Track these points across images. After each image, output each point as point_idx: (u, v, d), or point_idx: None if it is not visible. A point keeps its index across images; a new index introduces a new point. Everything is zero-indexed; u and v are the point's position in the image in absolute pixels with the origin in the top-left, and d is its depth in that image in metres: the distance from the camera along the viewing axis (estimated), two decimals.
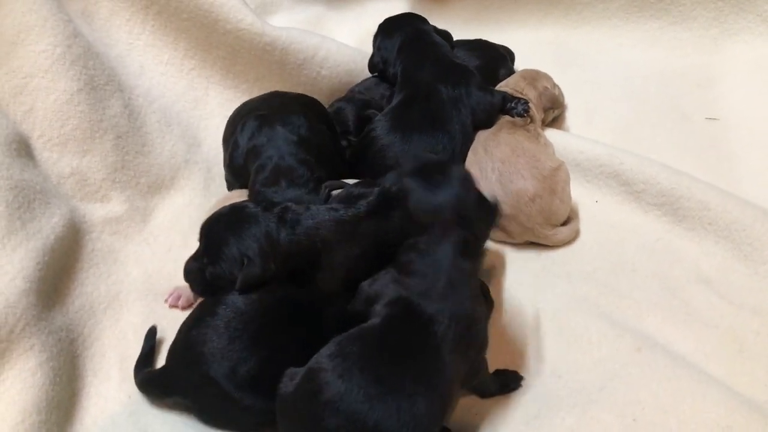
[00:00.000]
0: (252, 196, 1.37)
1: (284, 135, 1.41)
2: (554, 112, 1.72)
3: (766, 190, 1.48)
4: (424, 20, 1.74)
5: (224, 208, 1.25)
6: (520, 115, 1.56)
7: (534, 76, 1.70)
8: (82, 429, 1.11)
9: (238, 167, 1.46)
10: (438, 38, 1.69)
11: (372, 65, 1.74)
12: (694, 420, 1.09)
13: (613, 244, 1.44)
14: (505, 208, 1.42)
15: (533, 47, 1.95)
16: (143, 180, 1.54)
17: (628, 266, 1.39)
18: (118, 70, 1.60)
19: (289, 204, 1.22)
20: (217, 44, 1.73)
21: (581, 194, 1.52)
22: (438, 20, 1.79)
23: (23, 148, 1.37)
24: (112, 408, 1.16)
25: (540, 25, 1.98)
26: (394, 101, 1.60)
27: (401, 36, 1.68)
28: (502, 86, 1.67)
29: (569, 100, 1.78)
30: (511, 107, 1.58)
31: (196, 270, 1.22)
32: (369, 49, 1.76)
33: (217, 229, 1.20)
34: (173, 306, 1.36)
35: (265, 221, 1.18)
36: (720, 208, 1.39)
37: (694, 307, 1.29)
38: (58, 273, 1.28)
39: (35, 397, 1.06)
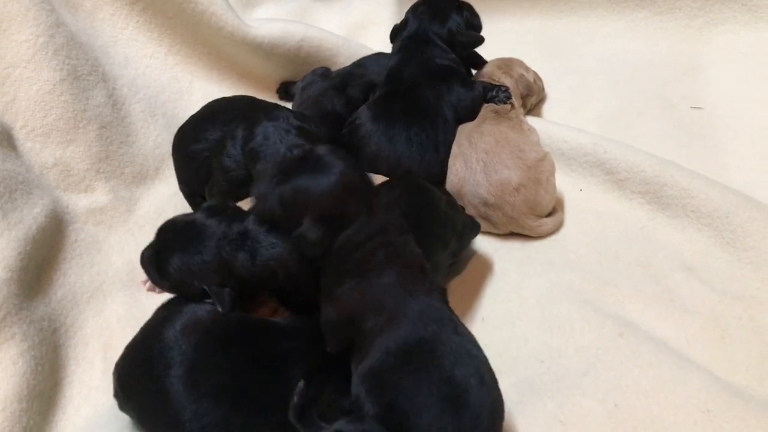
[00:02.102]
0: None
1: (280, 128, 1.36)
2: (532, 98, 1.72)
3: (749, 178, 1.49)
4: (437, 16, 1.64)
5: (182, 219, 1.18)
6: (503, 102, 1.56)
7: (508, 64, 1.70)
8: (64, 418, 1.11)
9: (239, 181, 1.38)
10: (436, 40, 1.62)
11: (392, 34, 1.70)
12: (675, 405, 1.10)
13: (597, 232, 1.45)
14: (490, 198, 1.43)
15: (520, 37, 1.95)
16: (127, 170, 1.54)
17: (611, 254, 1.39)
18: (102, 61, 1.59)
19: (250, 228, 1.14)
20: (202, 43, 1.74)
21: (566, 183, 1.53)
22: None
23: (5, 139, 1.36)
24: (96, 397, 1.16)
25: (526, 15, 1.98)
26: (378, 93, 1.60)
27: (407, 29, 1.65)
28: (476, 77, 1.68)
29: (555, 89, 1.78)
30: (493, 96, 1.58)
31: (148, 261, 1.17)
32: (356, 40, 1.76)
33: (172, 246, 1.14)
34: (150, 290, 1.36)
35: (221, 246, 1.12)
36: (703, 195, 1.39)
37: (677, 293, 1.30)
38: (41, 263, 1.27)
39: (16, 386, 1.06)
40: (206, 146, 1.44)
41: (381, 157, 1.50)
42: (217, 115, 1.48)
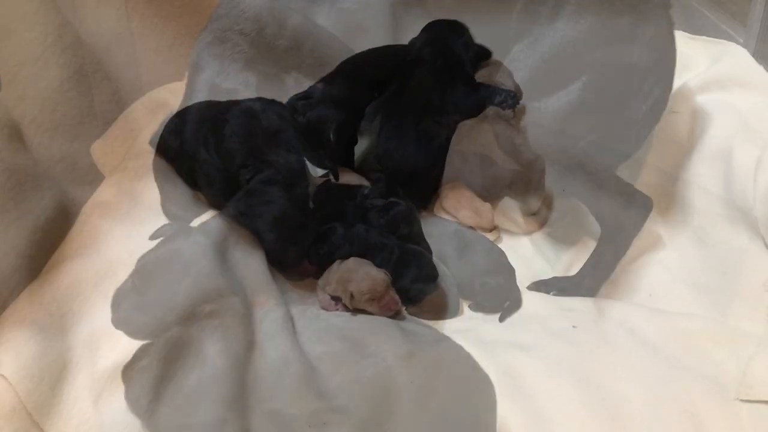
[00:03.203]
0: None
1: (246, 121, 1.46)
2: None
3: (724, 178, 1.53)
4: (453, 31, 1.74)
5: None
6: (510, 108, 1.60)
7: (506, 67, 1.74)
8: (73, 391, 1.14)
9: (224, 183, 1.47)
10: (453, 47, 1.70)
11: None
12: (659, 404, 1.10)
13: (578, 231, 1.50)
14: (483, 191, 1.49)
15: (510, 43, 1.99)
16: (131, 164, 1.59)
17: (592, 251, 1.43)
18: (107, 59, 1.64)
19: None
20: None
21: (549, 184, 1.57)
22: (417, 15, 1.83)
23: (15, 134, 1.41)
24: (101, 379, 1.18)
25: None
26: (388, 90, 1.65)
27: (424, 39, 1.72)
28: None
29: (541, 92, 1.81)
30: (501, 101, 1.61)
31: None
32: (349, 43, 1.81)
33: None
34: None
35: None
36: (678, 194, 1.45)
37: (657, 292, 1.35)
38: (49, 252, 1.33)
39: (26, 366, 1.10)
40: (184, 160, 1.52)
41: (388, 154, 1.54)
42: (184, 125, 1.54)
